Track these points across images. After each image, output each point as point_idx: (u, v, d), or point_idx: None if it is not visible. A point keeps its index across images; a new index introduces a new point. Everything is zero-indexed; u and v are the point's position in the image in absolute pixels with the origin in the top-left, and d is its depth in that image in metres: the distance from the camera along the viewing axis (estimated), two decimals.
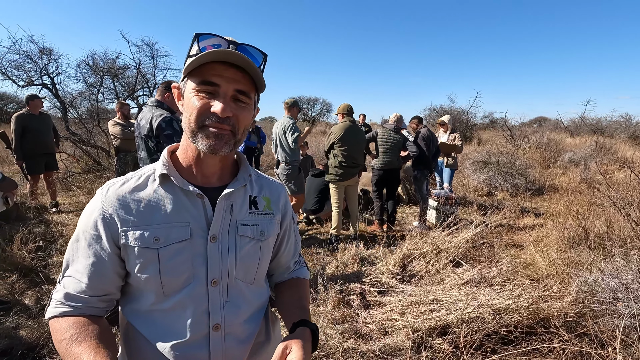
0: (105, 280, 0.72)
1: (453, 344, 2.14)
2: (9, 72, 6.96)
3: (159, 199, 0.72)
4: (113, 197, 0.72)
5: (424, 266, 3.26)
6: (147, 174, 0.76)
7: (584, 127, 17.59)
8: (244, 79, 0.71)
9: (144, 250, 0.70)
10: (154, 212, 0.72)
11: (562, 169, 9.30)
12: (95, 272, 0.71)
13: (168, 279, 0.71)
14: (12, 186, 2.55)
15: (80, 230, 0.72)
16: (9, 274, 3.03)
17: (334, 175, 4.25)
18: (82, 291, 0.71)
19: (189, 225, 0.72)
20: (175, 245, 0.71)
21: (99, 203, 0.72)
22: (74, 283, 0.71)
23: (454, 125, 6.12)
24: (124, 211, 0.71)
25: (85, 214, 0.73)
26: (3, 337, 2.26)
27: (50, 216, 4.57)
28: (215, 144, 0.69)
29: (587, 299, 2.38)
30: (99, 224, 0.71)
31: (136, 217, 0.71)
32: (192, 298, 0.73)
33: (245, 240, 0.78)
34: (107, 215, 0.71)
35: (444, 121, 5.97)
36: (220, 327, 0.75)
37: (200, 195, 0.74)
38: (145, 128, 2.44)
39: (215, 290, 0.74)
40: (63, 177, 6.46)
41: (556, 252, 3.34)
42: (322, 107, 35.68)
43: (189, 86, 0.72)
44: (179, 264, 0.71)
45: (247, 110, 0.73)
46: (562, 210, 4.90)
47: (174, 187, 0.74)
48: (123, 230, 0.70)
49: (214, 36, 0.71)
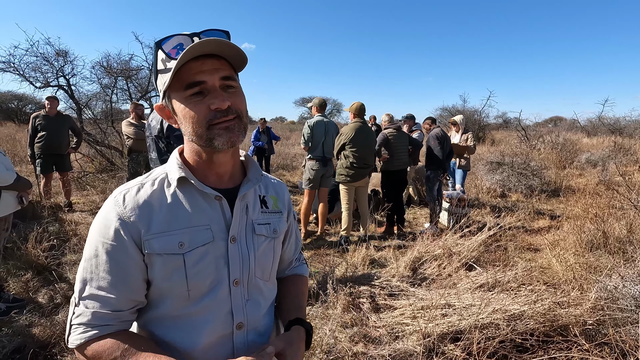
0: (134, 290, 0.69)
1: (466, 351, 2.08)
2: (27, 74, 7.13)
3: (179, 204, 0.71)
4: (132, 204, 0.69)
5: (436, 269, 3.20)
6: (159, 178, 0.74)
7: (601, 127, 17.12)
8: (224, 65, 0.69)
9: (169, 256, 0.68)
10: (176, 217, 0.70)
11: (579, 170, 9.06)
12: (124, 284, 0.68)
13: (195, 284, 0.70)
14: (26, 186, 2.60)
15: (97, 243, 0.68)
16: (23, 272, 3.08)
17: (345, 176, 4.21)
18: (112, 307, 0.68)
19: (210, 228, 0.72)
20: (200, 249, 0.71)
21: (115, 212, 0.68)
22: (100, 301, 0.67)
23: (467, 125, 6.00)
24: (145, 218, 0.68)
25: (99, 226, 0.69)
26: (17, 335, 2.30)
27: (64, 215, 4.65)
28: (230, 136, 0.69)
29: (607, 306, 2.28)
30: (121, 232, 0.67)
31: (158, 224, 0.69)
32: (216, 300, 0.73)
33: (262, 239, 0.80)
34: (128, 223, 0.67)
35: (456, 121, 5.87)
36: (243, 325, 0.76)
37: (218, 197, 0.74)
38: (156, 129, 2.45)
39: (237, 290, 0.75)
40: (77, 176, 6.58)
41: (574, 257, 3.24)
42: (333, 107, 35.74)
43: (176, 100, 0.69)
44: (204, 268, 0.71)
45: (240, 94, 0.72)
46: (579, 213, 4.75)
47: (191, 190, 0.73)
48: (146, 238, 0.68)
49: (173, 36, 0.69)
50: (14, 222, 3.69)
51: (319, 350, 2.20)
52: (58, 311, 2.55)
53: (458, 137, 5.76)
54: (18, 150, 8.80)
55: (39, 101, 20.69)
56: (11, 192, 2.50)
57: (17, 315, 2.49)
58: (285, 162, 10.03)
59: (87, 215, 4.99)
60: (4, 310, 2.54)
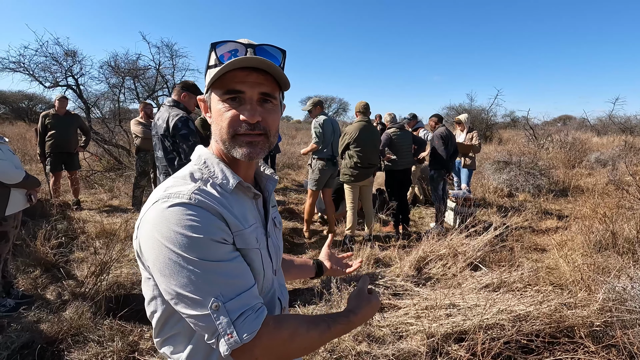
0: (249, 275, 0.68)
1: (470, 351, 2.07)
2: (37, 73, 7.25)
3: (239, 204, 0.74)
4: (212, 202, 0.66)
5: (441, 269, 3.18)
6: (208, 181, 0.71)
7: (612, 125, 16.82)
8: (267, 81, 0.70)
9: (255, 250, 0.73)
10: (243, 216, 0.73)
11: (588, 170, 8.92)
12: (239, 268, 0.66)
13: (267, 274, 0.77)
14: (35, 184, 2.64)
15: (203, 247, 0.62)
16: (32, 269, 3.14)
17: (349, 176, 4.20)
18: (249, 286, 0.65)
19: (257, 225, 0.77)
20: (263, 244, 0.77)
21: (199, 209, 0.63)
22: (245, 288, 0.64)
23: (473, 124, 5.96)
24: (228, 215, 0.68)
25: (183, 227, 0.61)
26: (25, 331, 2.33)
27: (72, 213, 4.72)
28: (250, 152, 0.70)
29: (615, 307, 2.25)
30: (213, 226, 0.64)
31: (237, 221, 0.70)
32: (273, 289, 0.81)
33: (277, 231, 0.89)
34: (218, 217, 0.66)
35: (461, 120, 5.82)
36: (285, 309, 0.86)
37: (257, 196, 0.79)
38: (162, 127, 2.47)
39: (276, 279, 0.84)
40: (86, 175, 6.66)
41: (581, 257, 3.19)
42: (339, 106, 35.67)
43: (214, 98, 0.71)
44: (267, 260, 0.78)
45: (275, 112, 0.73)
46: (587, 213, 4.69)
47: (239, 192, 0.75)
48: (236, 234, 0.68)
49: (229, 42, 0.71)
50: (24, 220, 3.76)
51: (322, 349, 2.20)
52: (65, 308, 2.59)
53: (463, 136, 5.71)
54: (28, 149, 8.94)
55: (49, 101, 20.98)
56: (20, 190, 2.55)
57: (25, 311, 2.54)
58: (291, 161, 10.04)
59: (94, 213, 5.05)
60: (13, 306, 2.59)
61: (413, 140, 4.92)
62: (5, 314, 2.53)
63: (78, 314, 2.40)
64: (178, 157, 2.46)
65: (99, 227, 4.09)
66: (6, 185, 2.44)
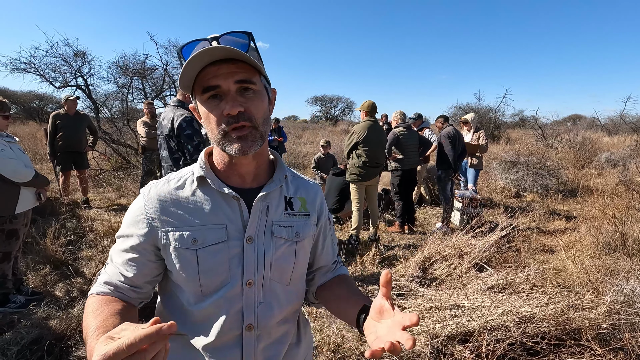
0: (138, 275, 0.74)
1: (474, 352, 2.06)
2: (47, 74, 7.37)
3: (197, 201, 0.74)
4: (155, 197, 0.74)
5: (446, 270, 3.16)
6: (185, 176, 0.78)
7: (623, 125, 16.52)
8: (241, 68, 0.68)
9: (183, 250, 0.72)
10: (192, 213, 0.73)
11: (598, 170, 8.79)
12: (130, 266, 0.74)
13: (206, 280, 0.73)
14: (44, 183, 2.68)
15: (124, 226, 0.76)
16: (41, 266, 3.19)
17: (356, 176, 4.20)
18: (117, 279, 0.74)
19: (225, 227, 0.73)
20: (213, 247, 0.72)
21: (142, 203, 0.75)
22: (111, 270, 0.75)
23: (481, 124, 5.91)
24: (164, 212, 0.73)
25: (130, 212, 0.76)
26: (34, 327, 2.38)
27: (81, 212, 4.79)
28: (242, 146, 0.69)
29: (624, 310, 2.21)
30: (140, 222, 0.73)
31: (176, 218, 0.73)
32: (227, 298, 0.74)
33: (281, 242, 0.78)
34: (148, 215, 0.73)
35: (467, 119, 5.77)
36: (253, 327, 0.76)
37: (236, 198, 0.74)
38: (167, 127, 2.49)
39: (250, 290, 0.75)
40: (94, 174, 6.76)
41: (589, 259, 3.15)
42: (345, 105, 35.59)
43: (198, 102, 0.72)
44: (216, 265, 0.73)
45: (258, 99, 0.71)
46: (596, 214, 4.61)
47: (211, 189, 0.75)
48: (164, 231, 0.72)
49: (193, 41, 0.71)
50: (34, 218, 3.83)
51: (326, 349, 2.21)
52: (74, 304, 2.63)
53: (469, 136, 5.67)
54: (39, 148, 9.09)
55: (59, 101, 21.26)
56: (30, 188, 2.59)
57: (35, 307, 2.58)
58: (297, 161, 10.06)
59: (103, 212, 5.11)
60: (23, 303, 2.63)
61: (419, 141, 4.90)
62: (15, 310, 2.59)
63: None
64: (183, 157, 2.48)
65: (107, 225, 4.14)
66: (16, 183, 2.48)
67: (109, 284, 0.73)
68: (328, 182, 5.16)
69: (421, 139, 5.03)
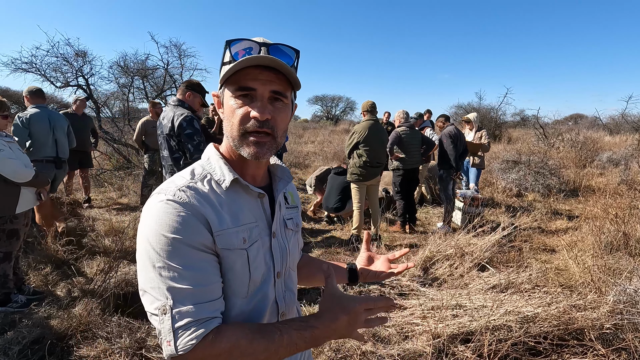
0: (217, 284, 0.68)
1: (476, 352, 2.05)
2: (48, 74, 7.37)
3: (233, 202, 0.74)
4: (197, 200, 0.68)
5: (447, 269, 3.15)
6: (206, 178, 0.73)
7: (624, 124, 16.46)
8: (279, 79, 0.71)
9: (238, 251, 0.72)
10: (234, 214, 0.73)
11: (600, 170, 8.76)
12: (209, 275, 0.67)
13: (254, 277, 0.75)
14: (44, 182, 2.68)
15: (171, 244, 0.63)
16: (43, 266, 3.19)
17: (357, 175, 4.19)
18: (210, 297, 0.65)
19: (257, 225, 0.77)
20: (255, 245, 0.75)
21: (182, 209, 0.65)
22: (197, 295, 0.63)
23: (482, 123, 5.89)
24: (212, 214, 0.69)
25: (169, 226, 0.63)
26: (36, 326, 2.38)
27: (82, 211, 4.79)
28: (257, 151, 0.71)
29: (627, 310, 2.20)
30: (190, 228, 0.65)
31: (223, 220, 0.71)
32: (267, 292, 0.78)
33: (291, 233, 0.87)
34: (198, 219, 0.66)
35: (470, 119, 5.76)
36: (285, 314, 0.83)
37: (262, 195, 0.78)
38: (167, 127, 2.49)
39: (279, 282, 0.81)
40: (96, 173, 6.76)
41: (592, 258, 3.13)
42: (346, 105, 35.56)
43: (227, 94, 0.73)
44: (259, 262, 0.76)
45: (285, 111, 0.74)
46: (598, 213, 4.60)
47: (238, 189, 0.76)
48: (217, 234, 0.68)
49: (244, 40, 0.72)
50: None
51: (327, 349, 2.20)
52: (75, 304, 2.63)
53: (472, 135, 5.65)
54: None
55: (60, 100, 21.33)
56: (30, 188, 2.59)
57: (36, 307, 2.58)
58: (298, 160, 10.06)
59: (104, 211, 5.12)
60: (24, 302, 2.63)
61: (422, 141, 4.89)
62: (16, 310, 2.59)
63: (87, 310, 2.43)
64: (183, 156, 2.48)
65: (108, 225, 4.14)
66: (16, 183, 2.48)
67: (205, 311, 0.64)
68: (330, 181, 5.16)
69: (424, 138, 5.02)
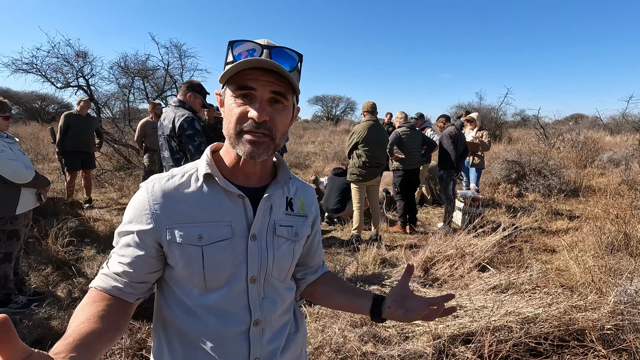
0: (138, 270, 0.74)
1: (477, 353, 2.05)
2: (49, 74, 7.38)
3: (203, 198, 0.75)
4: (159, 192, 0.74)
5: (448, 270, 3.15)
6: (189, 172, 0.78)
7: (625, 124, 16.45)
8: (281, 82, 0.72)
9: (188, 247, 0.73)
10: (198, 210, 0.74)
11: (600, 170, 8.75)
12: (130, 262, 0.73)
13: (211, 276, 0.74)
14: (44, 183, 2.68)
15: (125, 221, 0.75)
16: (43, 267, 3.19)
17: (357, 176, 4.19)
18: (116, 274, 0.74)
19: (230, 225, 0.75)
20: (218, 244, 0.74)
21: (146, 198, 0.74)
22: (112, 265, 0.75)
23: (482, 123, 5.89)
24: (169, 207, 0.73)
25: (131, 207, 0.75)
26: (36, 327, 2.38)
27: (83, 212, 4.79)
28: (253, 150, 0.71)
29: (627, 310, 2.20)
30: (144, 218, 0.73)
31: (181, 214, 0.73)
32: (232, 294, 0.76)
33: (282, 241, 0.82)
34: (153, 211, 0.73)
35: (473, 118, 5.75)
36: (259, 322, 0.79)
37: (241, 196, 0.76)
38: (168, 128, 2.49)
39: (254, 287, 0.78)
40: (96, 174, 6.77)
41: (592, 259, 3.13)
42: (347, 105, 35.54)
43: (228, 93, 0.74)
44: (221, 262, 0.74)
45: (285, 113, 0.74)
46: (599, 214, 4.59)
47: (216, 186, 0.76)
48: (169, 227, 0.72)
49: (247, 42, 0.73)
50: (36, 218, 3.83)
51: (328, 349, 2.20)
52: (76, 305, 2.63)
53: (472, 134, 5.65)
54: (41, 148, 9.11)
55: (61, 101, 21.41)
56: (30, 189, 2.59)
57: (37, 308, 2.59)
58: (299, 161, 10.06)
59: (105, 212, 5.12)
60: (25, 303, 2.64)
61: (423, 141, 4.88)
62: (17, 311, 2.59)
63: None
64: (184, 157, 2.48)
65: (108, 225, 4.15)
66: (17, 184, 2.48)
67: (108, 278, 0.74)
68: (329, 182, 5.16)
69: (425, 139, 5.02)
